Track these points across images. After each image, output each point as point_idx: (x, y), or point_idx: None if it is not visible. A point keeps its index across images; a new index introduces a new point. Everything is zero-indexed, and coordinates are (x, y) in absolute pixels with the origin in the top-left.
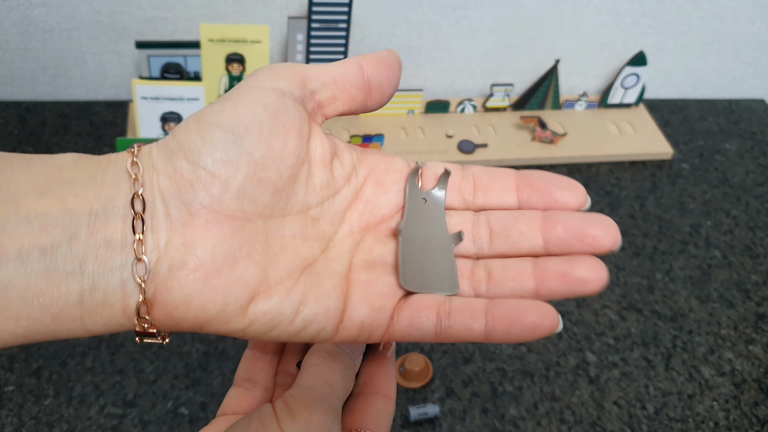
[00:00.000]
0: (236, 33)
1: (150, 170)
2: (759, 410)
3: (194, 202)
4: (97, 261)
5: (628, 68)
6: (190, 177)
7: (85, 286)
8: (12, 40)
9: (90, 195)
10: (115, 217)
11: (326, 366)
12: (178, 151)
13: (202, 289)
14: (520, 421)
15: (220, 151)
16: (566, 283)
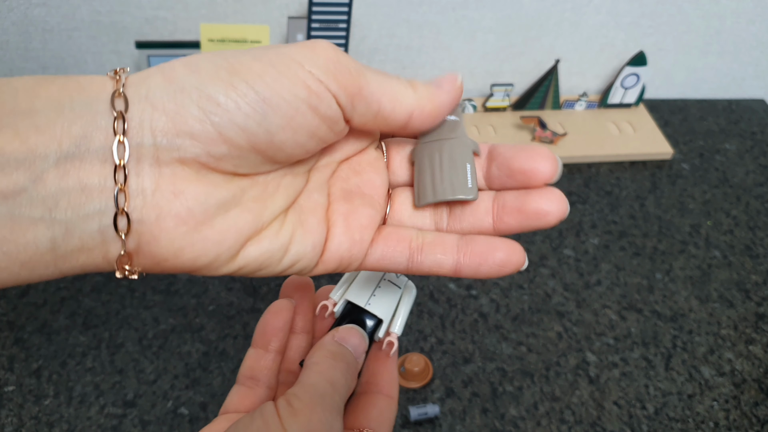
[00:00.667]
0: (236, 33)
1: (142, 102)
2: (759, 410)
3: (190, 153)
4: (70, 206)
5: (628, 68)
6: (194, 126)
7: (56, 232)
8: (12, 40)
9: (57, 130)
10: (92, 158)
11: (328, 364)
12: (193, 91)
13: (193, 240)
14: (520, 421)
15: (243, 117)
16: (522, 217)
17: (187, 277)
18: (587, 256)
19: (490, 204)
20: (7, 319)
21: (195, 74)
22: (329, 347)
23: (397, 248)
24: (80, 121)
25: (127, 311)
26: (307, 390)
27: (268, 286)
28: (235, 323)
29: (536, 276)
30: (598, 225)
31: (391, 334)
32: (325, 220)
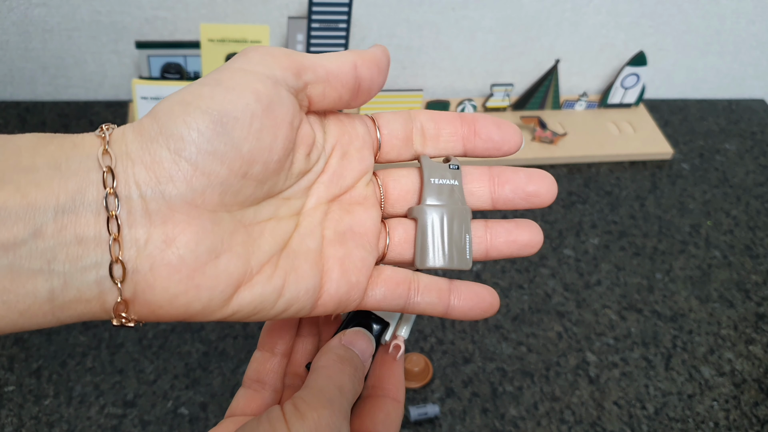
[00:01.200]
0: (236, 33)
1: (124, 158)
2: (759, 410)
3: (175, 196)
4: (68, 259)
5: (628, 68)
6: (170, 169)
7: (55, 284)
8: (12, 40)
9: (54, 186)
10: (86, 212)
11: (336, 368)
12: (158, 137)
13: (186, 287)
14: (520, 421)
15: (207, 142)
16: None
17: None
18: (587, 256)
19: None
20: None
21: (156, 121)
22: (337, 351)
23: (396, 291)
24: (75, 177)
25: None
26: (314, 394)
27: None
28: (235, 323)
29: (536, 276)
30: (598, 225)
31: (398, 337)
32: (318, 264)
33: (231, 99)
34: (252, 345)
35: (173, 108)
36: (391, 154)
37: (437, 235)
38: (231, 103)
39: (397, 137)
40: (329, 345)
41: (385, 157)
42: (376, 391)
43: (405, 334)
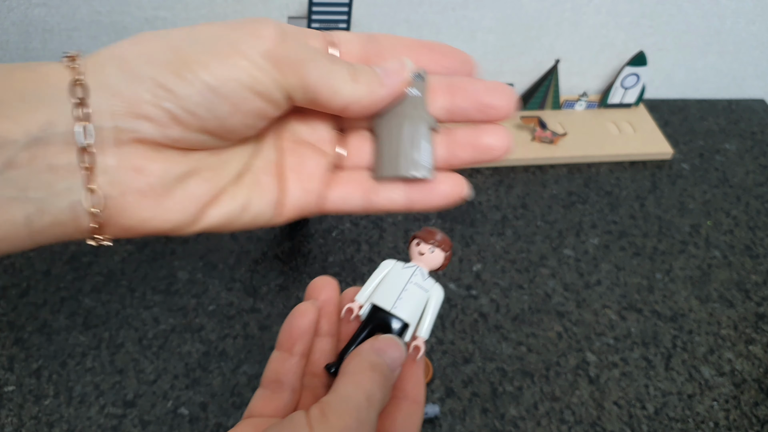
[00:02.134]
0: None
1: (102, 89)
2: (759, 410)
3: (147, 133)
4: (41, 187)
5: (628, 68)
6: (149, 111)
7: (30, 210)
8: (12, 40)
9: (24, 117)
10: (57, 141)
11: (366, 376)
12: (146, 80)
13: (156, 211)
14: (520, 421)
15: (194, 104)
16: (474, 152)
17: (187, 277)
18: (587, 256)
19: (444, 138)
20: (7, 319)
21: (148, 64)
22: (367, 357)
23: (352, 192)
24: (45, 108)
25: (127, 311)
26: (342, 401)
27: (268, 286)
28: (235, 323)
29: (536, 276)
30: (598, 225)
31: (418, 338)
32: (277, 175)
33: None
34: (252, 345)
35: (170, 61)
36: None
37: (394, 144)
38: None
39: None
40: (360, 349)
41: None
42: (396, 393)
43: (425, 335)
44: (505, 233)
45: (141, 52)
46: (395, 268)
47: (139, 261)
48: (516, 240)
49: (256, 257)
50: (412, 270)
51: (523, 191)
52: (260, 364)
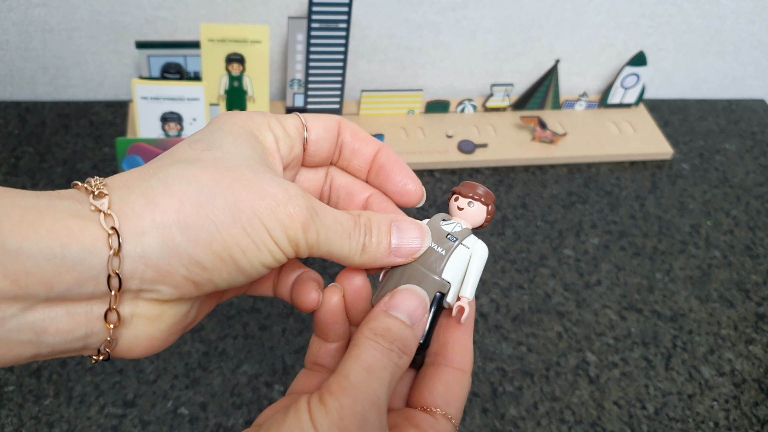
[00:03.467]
0: (236, 33)
1: (137, 260)
2: (759, 410)
3: (167, 296)
4: (58, 333)
5: (628, 68)
6: (178, 282)
7: (42, 351)
8: (12, 40)
9: (48, 276)
10: (81, 298)
11: (366, 346)
12: (185, 257)
13: (160, 347)
14: (520, 421)
15: (220, 280)
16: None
17: None
18: (587, 256)
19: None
20: None
21: (192, 243)
22: (371, 324)
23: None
24: (74, 272)
25: None
26: (338, 380)
27: None
28: (235, 323)
29: (536, 276)
30: (598, 225)
31: (462, 298)
32: None
33: (256, 258)
34: (252, 345)
35: (212, 241)
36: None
37: (395, 282)
38: (255, 261)
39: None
40: (369, 315)
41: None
42: (438, 359)
43: (470, 295)
44: (505, 233)
45: (181, 222)
46: (433, 223)
47: None
48: (516, 240)
49: None
50: (452, 226)
51: (523, 191)
52: (260, 364)
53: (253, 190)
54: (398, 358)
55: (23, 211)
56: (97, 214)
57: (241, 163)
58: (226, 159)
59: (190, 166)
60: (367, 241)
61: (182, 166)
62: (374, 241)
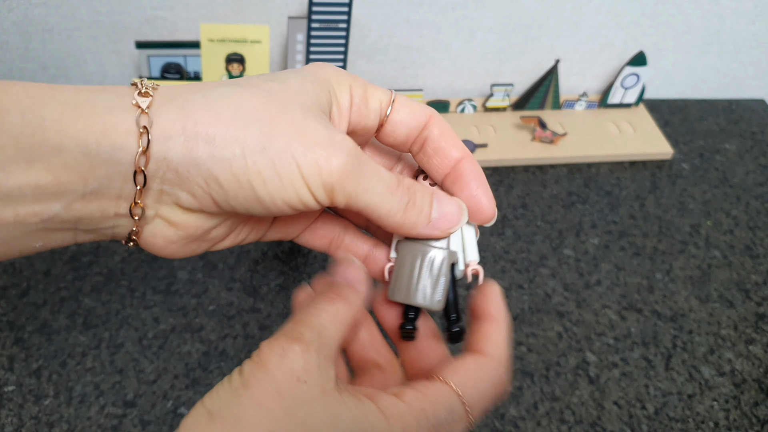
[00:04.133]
0: (236, 33)
1: (160, 161)
2: (759, 410)
3: (187, 203)
4: (91, 222)
5: (628, 68)
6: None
7: (78, 236)
8: (12, 40)
9: (83, 171)
10: (110, 195)
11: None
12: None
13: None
14: (520, 421)
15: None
16: None
17: (187, 277)
18: (587, 256)
19: None
20: (7, 319)
21: (211, 158)
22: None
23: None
24: (105, 165)
25: (127, 311)
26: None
27: (268, 286)
28: (235, 323)
29: (536, 276)
30: (598, 225)
31: (471, 263)
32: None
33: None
34: (252, 345)
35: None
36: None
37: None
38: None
39: (396, 140)
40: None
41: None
42: (478, 315)
43: (476, 258)
44: (505, 233)
45: (209, 136)
46: None
47: (139, 261)
48: (516, 240)
49: (256, 257)
50: None
51: (523, 191)
52: None
53: (294, 127)
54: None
55: (64, 107)
56: (135, 110)
57: (295, 101)
58: (282, 93)
59: (242, 90)
60: (410, 205)
61: (233, 89)
62: (417, 206)
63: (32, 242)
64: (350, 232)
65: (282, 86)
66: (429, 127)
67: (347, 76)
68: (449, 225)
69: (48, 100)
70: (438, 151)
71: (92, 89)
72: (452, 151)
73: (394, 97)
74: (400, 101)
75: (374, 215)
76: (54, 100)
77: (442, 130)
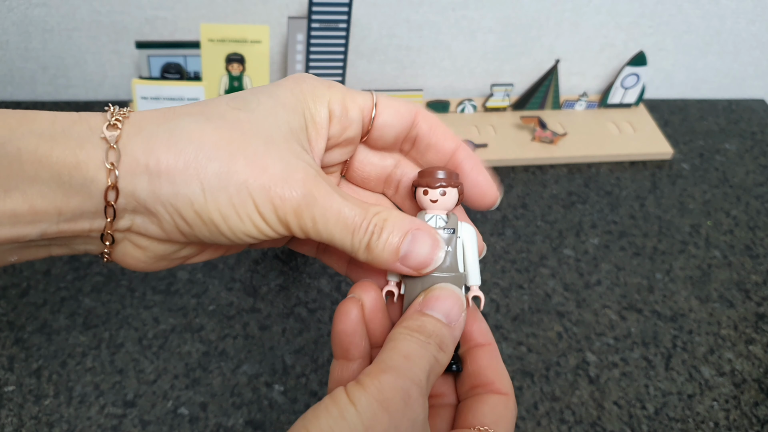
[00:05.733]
0: (236, 33)
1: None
2: (759, 410)
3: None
4: (65, 244)
5: (628, 68)
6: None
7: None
8: (12, 40)
9: (58, 200)
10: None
11: (402, 339)
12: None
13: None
14: (520, 421)
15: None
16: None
17: (187, 276)
18: (587, 256)
19: None
20: (7, 319)
21: (176, 196)
22: (406, 323)
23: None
24: (78, 197)
25: (127, 311)
26: (377, 365)
27: (268, 286)
28: (235, 323)
29: (536, 276)
30: (598, 225)
31: (472, 288)
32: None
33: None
34: (252, 345)
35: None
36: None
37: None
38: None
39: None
40: (404, 316)
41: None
42: (476, 390)
43: (478, 281)
44: (505, 233)
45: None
46: None
47: None
48: (516, 240)
49: (256, 257)
50: (437, 219)
51: (523, 191)
52: (260, 364)
53: (253, 163)
54: (437, 351)
55: (39, 139)
56: (104, 144)
57: (261, 132)
58: (248, 124)
59: (207, 122)
60: (373, 241)
61: (198, 120)
62: (381, 241)
63: (7, 257)
64: None
65: (249, 116)
66: (417, 125)
67: (325, 89)
68: (419, 264)
69: (25, 131)
70: (431, 146)
71: (67, 119)
72: (445, 144)
73: (375, 100)
74: (382, 103)
75: (339, 248)
76: (30, 132)
77: (431, 124)
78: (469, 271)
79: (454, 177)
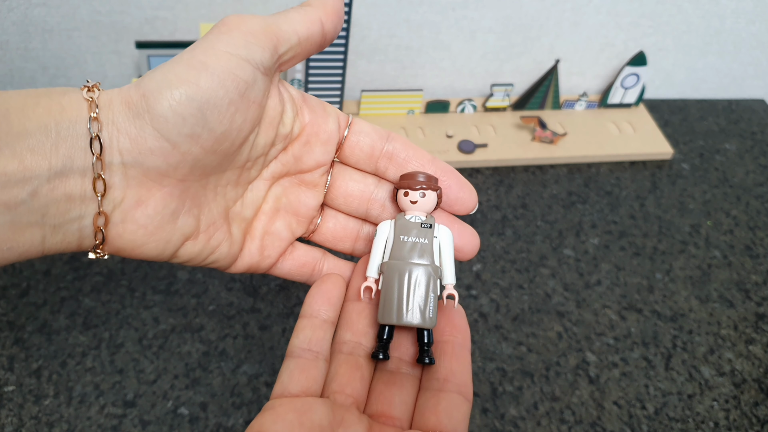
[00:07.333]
0: None
1: (110, 126)
2: (759, 410)
3: (151, 167)
4: (58, 213)
5: (628, 68)
6: (152, 144)
7: (47, 232)
8: (12, 40)
9: (47, 151)
10: (74, 174)
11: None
12: (145, 114)
13: (147, 240)
14: (520, 421)
15: (189, 126)
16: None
17: (187, 276)
18: (587, 256)
19: None
20: (7, 319)
21: (144, 99)
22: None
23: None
24: (65, 143)
25: (127, 311)
26: None
27: (268, 286)
28: (235, 323)
29: (536, 276)
30: (598, 225)
31: (447, 286)
32: (245, 233)
33: (214, 87)
34: (252, 345)
35: (161, 89)
36: (351, 160)
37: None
38: (213, 92)
39: (362, 150)
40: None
41: (345, 159)
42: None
43: (452, 280)
44: (505, 233)
45: (140, 86)
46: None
47: (139, 261)
48: (516, 240)
49: None
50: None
51: (523, 191)
52: (260, 364)
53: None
54: None
55: (25, 97)
56: (83, 90)
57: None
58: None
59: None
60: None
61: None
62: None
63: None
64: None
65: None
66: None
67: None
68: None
69: (12, 94)
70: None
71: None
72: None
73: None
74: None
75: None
76: (17, 94)
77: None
78: (445, 271)
79: (433, 180)
